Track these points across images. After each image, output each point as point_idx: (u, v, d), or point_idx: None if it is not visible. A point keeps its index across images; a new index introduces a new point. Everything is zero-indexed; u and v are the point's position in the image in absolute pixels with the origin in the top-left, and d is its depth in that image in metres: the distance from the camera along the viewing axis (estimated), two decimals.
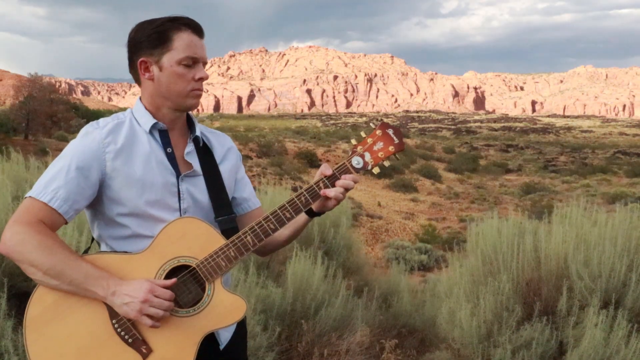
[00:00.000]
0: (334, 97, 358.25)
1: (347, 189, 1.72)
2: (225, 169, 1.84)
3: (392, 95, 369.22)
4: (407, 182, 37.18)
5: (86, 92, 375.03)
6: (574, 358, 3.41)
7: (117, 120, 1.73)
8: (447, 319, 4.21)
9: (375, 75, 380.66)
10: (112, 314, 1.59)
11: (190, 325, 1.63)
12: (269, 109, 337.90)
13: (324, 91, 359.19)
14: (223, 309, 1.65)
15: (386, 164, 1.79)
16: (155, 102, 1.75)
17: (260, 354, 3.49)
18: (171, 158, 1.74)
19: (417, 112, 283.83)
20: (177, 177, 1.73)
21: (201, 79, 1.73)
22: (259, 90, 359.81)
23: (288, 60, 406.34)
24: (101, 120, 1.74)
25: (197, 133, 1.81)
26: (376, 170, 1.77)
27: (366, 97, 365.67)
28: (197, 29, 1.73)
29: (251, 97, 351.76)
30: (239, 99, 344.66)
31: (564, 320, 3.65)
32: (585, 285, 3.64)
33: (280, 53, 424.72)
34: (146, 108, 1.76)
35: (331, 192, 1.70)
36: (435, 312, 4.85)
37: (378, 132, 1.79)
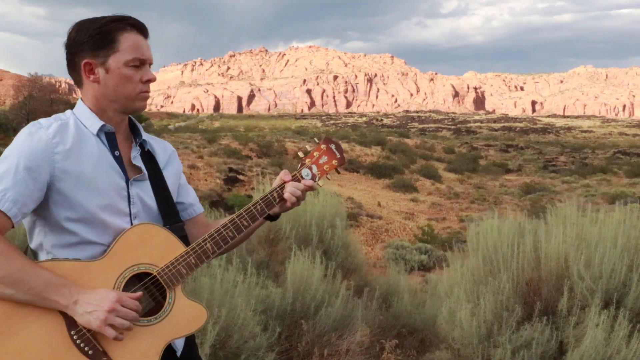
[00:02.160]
0: (334, 97, 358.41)
1: (301, 194, 1.82)
2: (169, 174, 1.82)
3: (392, 95, 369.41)
4: (407, 182, 37.17)
5: None
6: (575, 358, 3.41)
7: (60, 121, 1.65)
8: (447, 319, 4.20)
9: (375, 75, 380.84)
10: (70, 324, 1.50)
11: (152, 334, 1.59)
12: (269, 109, 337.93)
13: (324, 91, 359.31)
14: (185, 316, 1.64)
15: (329, 177, 1.94)
16: (101, 105, 1.68)
17: (260, 354, 3.48)
18: (119, 161, 1.69)
19: (417, 112, 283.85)
20: (127, 181, 1.69)
21: (149, 81, 1.69)
22: (259, 90, 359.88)
23: (288, 60, 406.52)
24: (42, 120, 1.65)
25: (144, 137, 1.78)
26: (322, 182, 1.91)
27: (366, 97, 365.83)
28: (142, 30, 1.69)
29: (251, 97, 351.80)
30: (239, 99, 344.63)
31: (565, 321, 3.64)
32: (586, 286, 3.63)
33: (280, 53, 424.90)
34: (91, 110, 1.69)
35: (286, 193, 1.80)
36: (435, 312, 4.84)
37: (322, 146, 1.93)
